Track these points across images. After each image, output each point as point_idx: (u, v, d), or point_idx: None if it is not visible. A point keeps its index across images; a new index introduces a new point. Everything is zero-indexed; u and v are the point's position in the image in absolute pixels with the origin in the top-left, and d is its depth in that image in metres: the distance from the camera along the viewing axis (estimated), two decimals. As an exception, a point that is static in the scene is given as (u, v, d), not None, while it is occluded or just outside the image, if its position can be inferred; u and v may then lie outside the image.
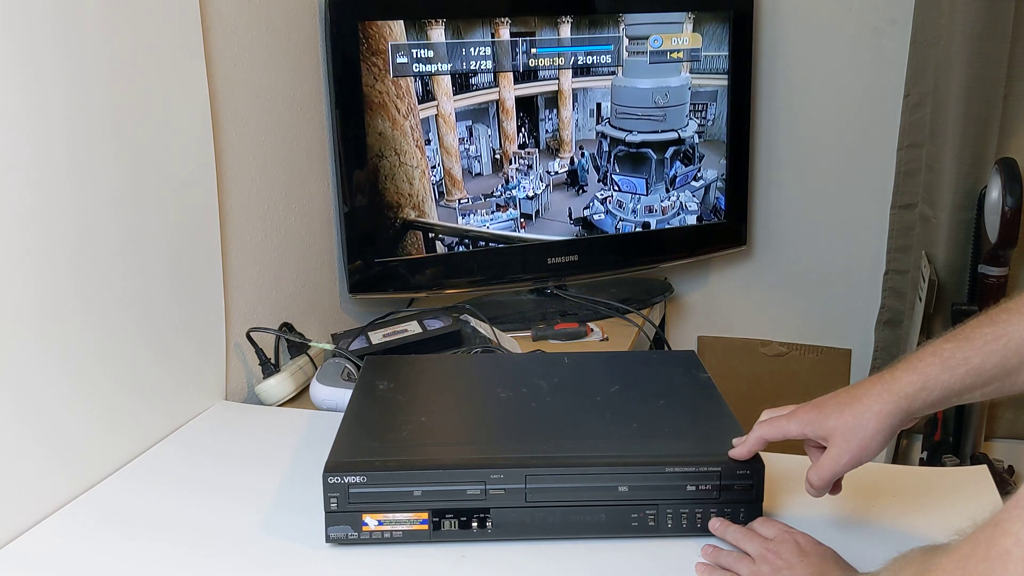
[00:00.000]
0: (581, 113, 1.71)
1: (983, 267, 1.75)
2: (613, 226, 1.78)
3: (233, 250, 1.30)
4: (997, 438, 1.94)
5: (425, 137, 1.60)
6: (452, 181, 1.65)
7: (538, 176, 1.71)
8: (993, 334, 0.78)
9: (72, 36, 0.98)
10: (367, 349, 1.38)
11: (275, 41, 1.39)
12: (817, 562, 0.80)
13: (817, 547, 0.83)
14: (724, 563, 0.85)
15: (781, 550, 0.82)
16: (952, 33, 1.74)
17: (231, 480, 1.04)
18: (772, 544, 0.84)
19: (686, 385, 1.07)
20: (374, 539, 0.88)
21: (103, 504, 1.00)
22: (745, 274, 2.07)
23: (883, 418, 0.80)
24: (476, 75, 1.61)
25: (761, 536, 0.85)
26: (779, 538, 0.84)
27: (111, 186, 1.05)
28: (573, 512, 0.89)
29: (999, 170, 1.67)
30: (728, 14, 1.78)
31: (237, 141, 1.30)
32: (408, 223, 1.61)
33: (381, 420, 1.00)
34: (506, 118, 1.65)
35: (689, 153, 1.81)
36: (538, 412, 1.01)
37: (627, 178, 1.77)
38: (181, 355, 1.19)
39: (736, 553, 0.86)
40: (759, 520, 0.88)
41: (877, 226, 1.94)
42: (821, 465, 0.83)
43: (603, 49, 1.69)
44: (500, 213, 1.69)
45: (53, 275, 0.97)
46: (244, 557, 0.89)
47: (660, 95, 1.74)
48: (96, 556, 0.90)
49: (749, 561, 0.84)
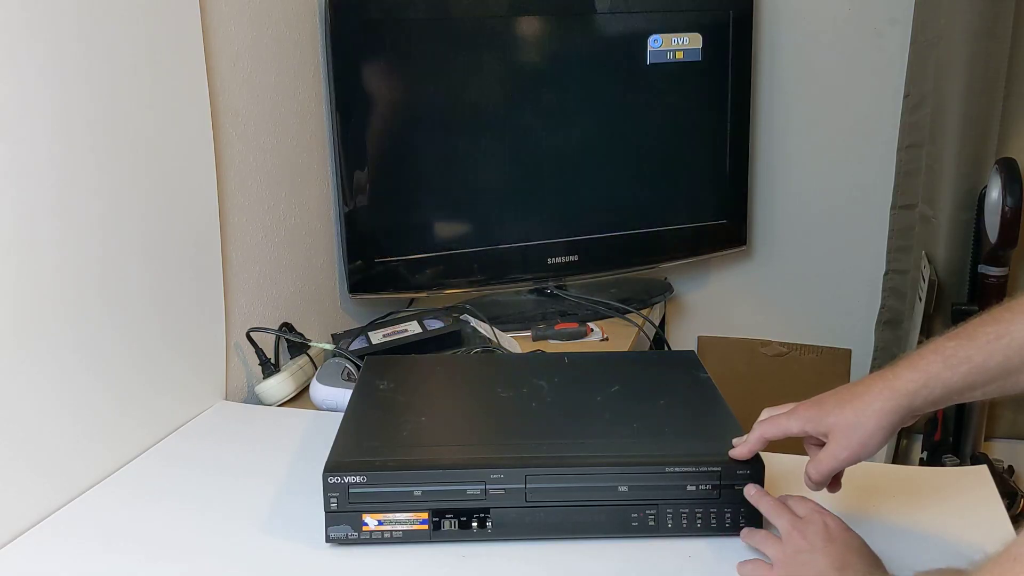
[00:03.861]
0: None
1: (983, 267, 1.75)
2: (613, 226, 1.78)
3: (233, 250, 1.30)
4: (997, 438, 1.94)
5: (425, 137, 1.60)
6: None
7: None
8: (996, 333, 0.78)
9: (72, 36, 0.98)
10: (367, 349, 1.38)
11: (275, 41, 1.39)
12: (841, 550, 0.79)
13: (845, 533, 0.82)
14: (753, 543, 0.86)
15: (808, 531, 0.81)
16: (952, 33, 1.74)
17: (231, 480, 1.04)
18: (801, 523, 0.83)
19: (686, 385, 1.07)
20: (374, 539, 0.88)
21: (104, 502, 1.00)
22: (745, 274, 2.08)
23: (884, 415, 0.80)
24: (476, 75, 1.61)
25: (792, 513, 0.85)
26: (809, 518, 0.83)
27: (109, 186, 1.05)
28: (573, 512, 0.89)
29: (999, 170, 1.67)
30: (728, 14, 1.77)
31: (237, 141, 1.30)
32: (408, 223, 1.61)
33: (381, 420, 1.00)
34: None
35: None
36: (538, 412, 1.01)
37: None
38: (181, 355, 1.19)
39: (766, 532, 0.86)
40: (794, 497, 0.87)
41: (877, 226, 1.94)
42: (820, 459, 0.83)
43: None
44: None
45: (50, 275, 0.97)
46: (244, 557, 0.89)
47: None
48: (101, 550, 0.90)
49: (776, 540, 0.83)
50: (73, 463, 1.01)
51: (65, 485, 1.00)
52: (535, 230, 1.71)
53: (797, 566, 0.80)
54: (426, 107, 1.58)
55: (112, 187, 1.05)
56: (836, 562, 0.78)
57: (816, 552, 0.80)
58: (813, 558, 0.79)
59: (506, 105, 1.64)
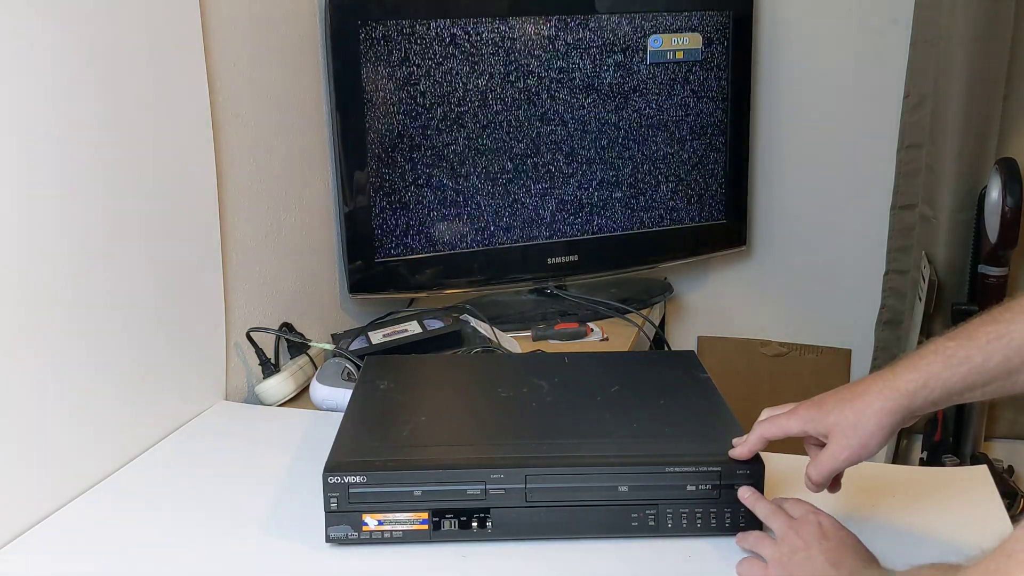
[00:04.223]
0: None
1: (983, 267, 1.75)
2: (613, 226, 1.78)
3: (233, 250, 1.30)
4: (997, 438, 1.94)
5: (425, 137, 1.60)
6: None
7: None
8: (996, 332, 0.78)
9: (71, 36, 0.98)
10: (367, 349, 1.38)
11: (275, 41, 1.39)
12: (836, 547, 0.80)
13: (839, 531, 0.82)
14: (748, 545, 0.86)
15: (803, 531, 0.82)
16: (952, 33, 1.74)
17: (231, 480, 1.04)
18: (795, 523, 0.83)
19: (686, 385, 1.07)
20: (374, 539, 0.88)
21: (104, 502, 1.00)
22: (745, 274, 2.08)
23: (884, 416, 0.80)
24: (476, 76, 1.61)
25: (787, 515, 0.85)
26: (803, 519, 0.84)
27: (110, 186, 1.05)
28: (573, 512, 0.89)
29: (999, 170, 1.67)
30: (728, 14, 1.78)
31: (237, 141, 1.30)
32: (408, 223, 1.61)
33: (381, 420, 1.00)
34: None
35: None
36: (538, 412, 1.01)
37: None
38: (181, 355, 1.19)
39: (760, 534, 0.86)
40: (790, 500, 0.88)
41: (877, 226, 1.94)
42: (820, 460, 0.83)
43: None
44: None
45: (50, 275, 0.97)
46: (244, 557, 0.89)
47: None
48: (102, 550, 0.90)
49: (771, 541, 0.84)
50: (74, 463, 1.01)
51: (65, 485, 1.00)
52: (535, 230, 1.72)
53: (793, 565, 0.80)
54: (426, 107, 1.58)
55: (112, 187, 1.05)
56: (831, 559, 0.79)
57: (812, 550, 0.80)
58: (809, 556, 0.80)
59: (506, 105, 1.64)
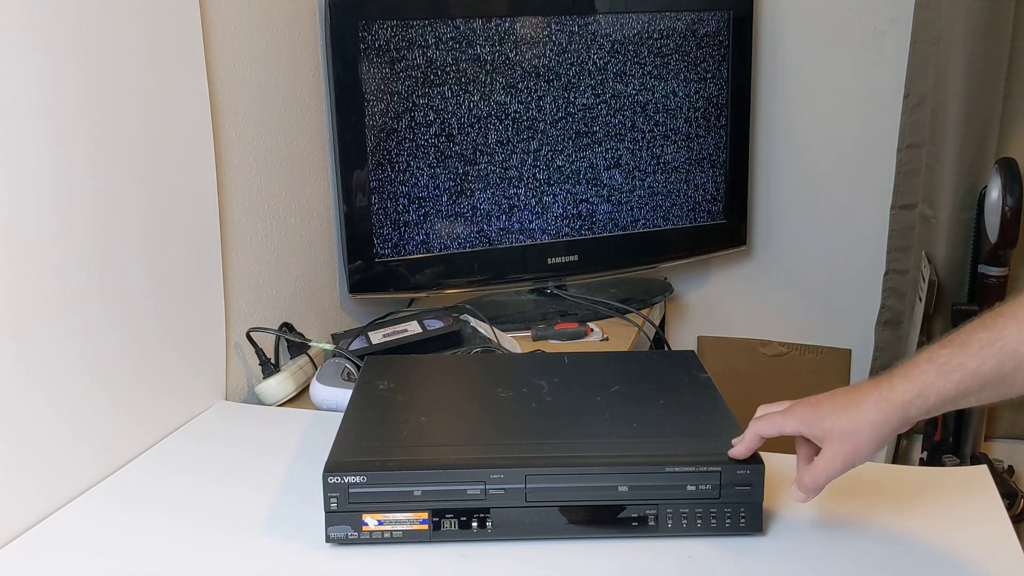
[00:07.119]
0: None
1: (983, 267, 1.75)
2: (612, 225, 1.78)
3: (233, 250, 1.30)
4: (997, 438, 1.94)
5: (425, 137, 1.60)
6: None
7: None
8: (988, 339, 0.78)
9: (71, 36, 0.98)
10: (367, 349, 1.38)
11: (275, 41, 1.39)
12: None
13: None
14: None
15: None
16: (952, 33, 1.74)
17: (230, 480, 1.04)
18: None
19: (686, 385, 1.07)
20: (374, 539, 0.88)
21: (104, 503, 1.00)
22: (745, 274, 2.08)
23: (878, 427, 0.81)
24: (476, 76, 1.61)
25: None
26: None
27: (109, 185, 1.05)
28: (573, 512, 0.89)
29: (999, 170, 1.67)
30: (728, 15, 1.78)
31: (237, 141, 1.30)
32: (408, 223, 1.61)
33: (381, 420, 1.00)
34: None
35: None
36: (538, 412, 1.01)
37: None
38: (181, 355, 1.19)
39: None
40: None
41: (877, 226, 1.94)
42: (815, 467, 0.83)
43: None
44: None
45: (45, 276, 0.97)
46: (244, 557, 0.89)
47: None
48: (102, 551, 0.90)
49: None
50: (73, 464, 1.01)
51: (63, 487, 1.00)
52: (535, 230, 1.72)
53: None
54: (426, 107, 1.58)
55: (112, 187, 1.05)
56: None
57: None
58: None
59: (506, 105, 1.64)
